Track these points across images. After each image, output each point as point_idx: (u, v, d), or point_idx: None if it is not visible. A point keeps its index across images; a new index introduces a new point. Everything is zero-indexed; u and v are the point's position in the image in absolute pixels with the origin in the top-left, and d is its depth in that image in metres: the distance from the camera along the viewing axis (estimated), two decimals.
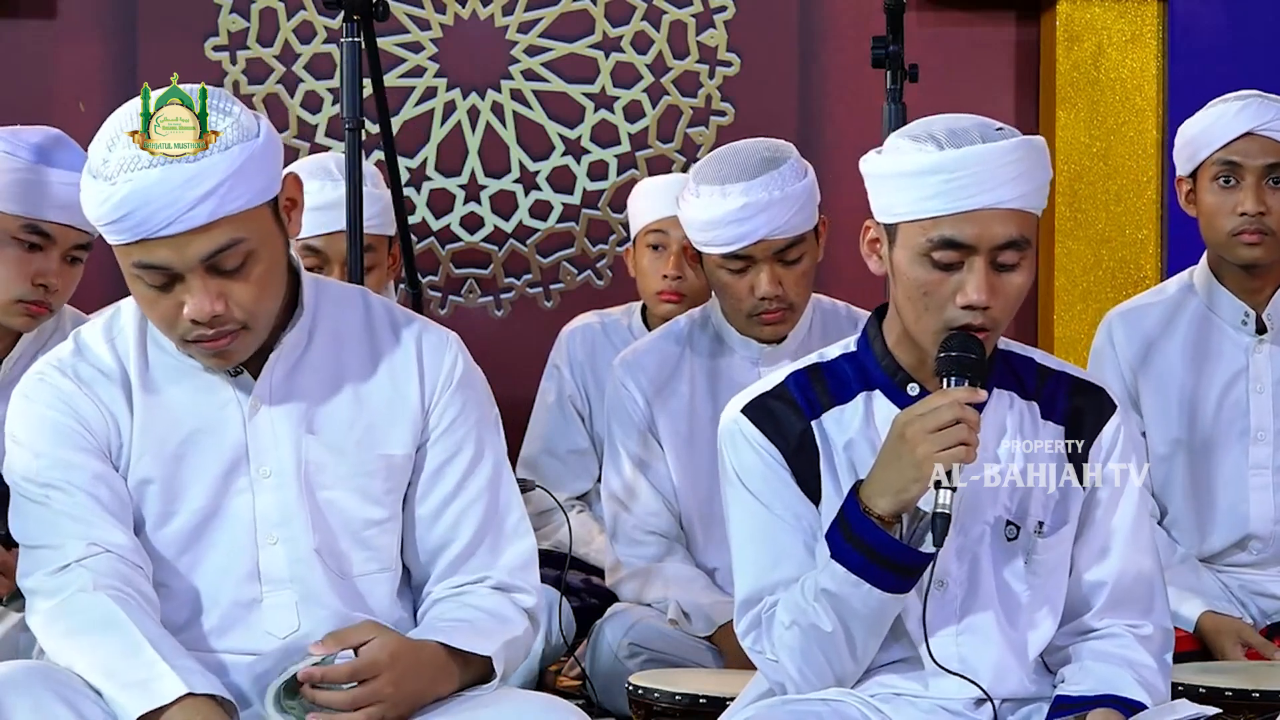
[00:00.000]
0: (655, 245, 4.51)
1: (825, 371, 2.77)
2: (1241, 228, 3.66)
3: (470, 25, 5.29)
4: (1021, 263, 2.65)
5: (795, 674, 2.69)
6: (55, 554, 2.65)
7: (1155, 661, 2.74)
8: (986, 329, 2.64)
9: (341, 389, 2.76)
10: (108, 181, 2.57)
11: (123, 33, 5.18)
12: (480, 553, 2.79)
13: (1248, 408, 3.71)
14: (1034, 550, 2.72)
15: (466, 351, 2.83)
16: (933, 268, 2.63)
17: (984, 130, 2.65)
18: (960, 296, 2.62)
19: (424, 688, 2.65)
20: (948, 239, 2.62)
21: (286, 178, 2.68)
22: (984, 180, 2.61)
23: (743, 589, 2.74)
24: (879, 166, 2.69)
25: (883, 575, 2.60)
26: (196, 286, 2.60)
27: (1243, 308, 3.72)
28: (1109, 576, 2.75)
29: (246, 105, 2.69)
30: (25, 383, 2.75)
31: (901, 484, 2.58)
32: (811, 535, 2.70)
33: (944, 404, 2.58)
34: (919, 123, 2.71)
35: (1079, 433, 2.75)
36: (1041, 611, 2.73)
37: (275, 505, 2.71)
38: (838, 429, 2.73)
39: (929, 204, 2.62)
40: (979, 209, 2.61)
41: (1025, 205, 2.65)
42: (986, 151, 2.61)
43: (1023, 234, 2.64)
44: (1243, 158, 3.68)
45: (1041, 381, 2.77)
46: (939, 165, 2.61)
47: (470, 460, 2.79)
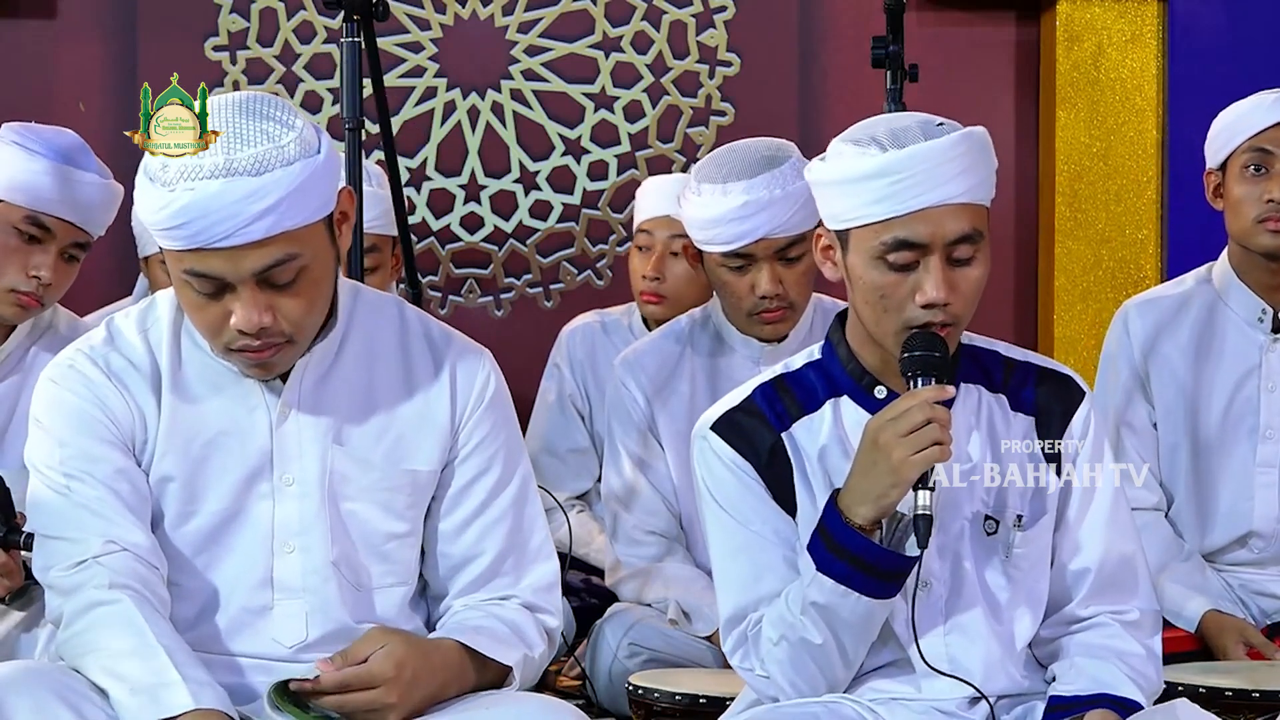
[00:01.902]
0: (641, 246, 4.53)
1: (791, 381, 2.75)
2: (1267, 214, 3.65)
3: (470, 25, 5.29)
4: (977, 255, 2.64)
5: (787, 687, 2.68)
6: (73, 548, 2.64)
7: (1143, 648, 2.73)
8: (949, 325, 2.63)
9: (371, 401, 2.74)
10: (166, 188, 2.54)
11: (123, 33, 5.18)
12: (505, 571, 2.79)
13: (1258, 405, 3.70)
14: (1014, 543, 2.71)
15: (499, 370, 2.82)
16: (888, 270, 2.62)
17: (926, 128, 2.63)
18: (919, 296, 2.61)
19: (435, 690, 2.64)
20: (900, 240, 2.61)
21: (341, 191, 2.66)
22: (931, 178, 2.59)
23: (726, 607, 2.73)
24: (824, 174, 2.67)
25: (870, 582, 2.59)
26: (247, 298, 2.58)
27: (1260, 305, 3.72)
28: (1091, 564, 2.74)
29: None
30: (55, 368, 2.73)
31: (880, 490, 2.57)
32: (790, 548, 2.68)
33: (913, 405, 2.56)
34: (860, 126, 2.68)
35: (1049, 421, 2.74)
36: (1025, 604, 2.73)
37: (295, 514, 2.70)
38: (808, 438, 2.71)
39: (878, 207, 2.61)
40: (929, 207, 2.60)
41: (974, 198, 2.63)
42: (930, 149, 2.60)
43: (975, 227, 2.63)
44: (1274, 145, 3.67)
45: (1008, 373, 2.76)
46: (884, 168, 2.60)
47: (497, 479, 2.79)
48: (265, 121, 2.56)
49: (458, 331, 2.85)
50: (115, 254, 4.89)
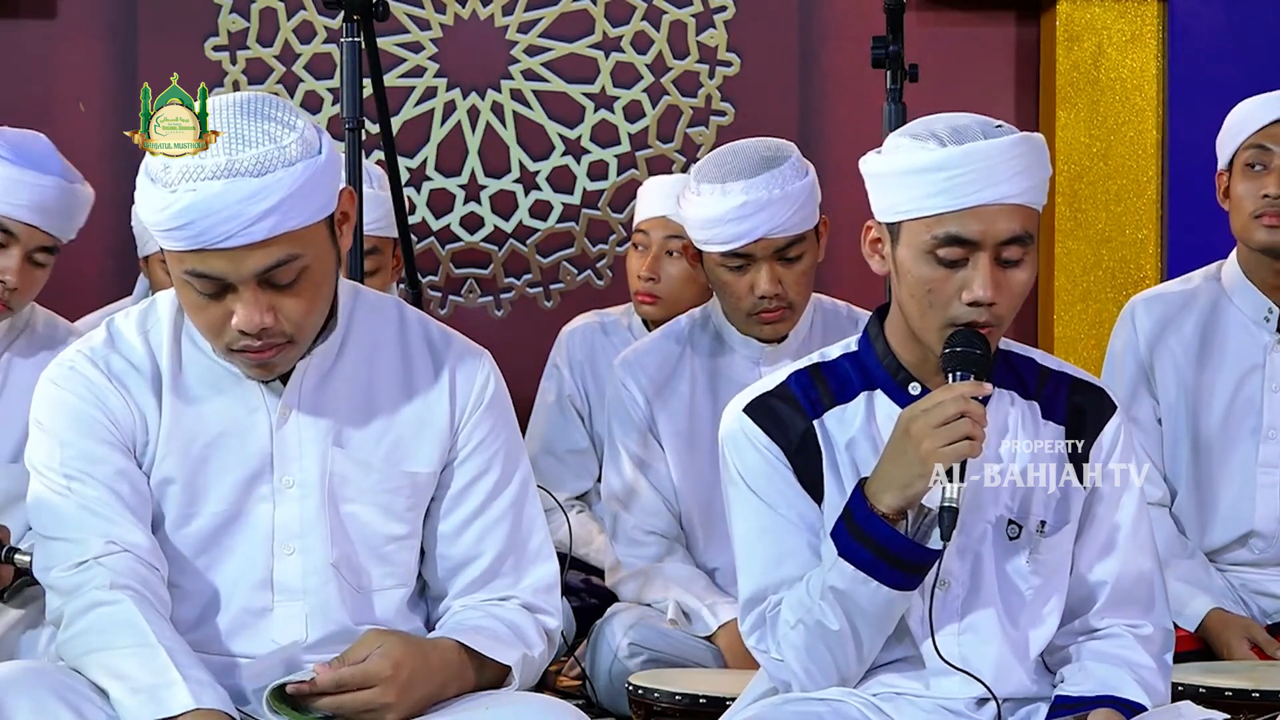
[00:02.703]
0: (638, 245, 4.53)
1: (827, 371, 2.76)
2: (1263, 209, 3.64)
3: (470, 25, 5.29)
4: (1025, 258, 2.65)
5: (800, 672, 2.69)
6: (74, 548, 2.64)
7: (1155, 662, 2.74)
8: (991, 325, 2.64)
9: (371, 402, 2.74)
10: (168, 189, 2.54)
11: (123, 33, 5.18)
12: (504, 572, 2.79)
13: (1261, 405, 3.70)
14: (1036, 549, 2.72)
15: (498, 371, 2.82)
16: (937, 265, 2.63)
17: (985, 127, 2.65)
18: (965, 293, 2.62)
19: (434, 690, 2.64)
20: (952, 235, 2.62)
21: (341, 192, 2.65)
22: (987, 176, 2.61)
23: (746, 588, 2.73)
24: (880, 166, 2.69)
25: (890, 572, 2.60)
26: (248, 298, 2.57)
27: (1266, 304, 3.72)
28: (1109, 576, 2.75)
29: None
30: (54, 369, 2.73)
31: (907, 479, 2.58)
32: (815, 534, 2.69)
33: (948, 399, 2.58)
34: (919, 121, 2.71)
35: (1079, 433, 2.75)
36: (1043, 611, 2.73)
37: (296, 516, 2.70)
38: (839, 428, 2.73)
39: (933, 201, 2.62)
40: (983, 205, 2.61)
41: (1028, 200, 2.65)
42: (989, 147, 2.62)
43: (1026, 229, 2.64)
44: (1273, 142, 3.67)
45: (1042, 382, 2.77)
46: (942, 162, 2.62)
47: (497, 481, 2.79)
48: (267, 122, 2.56)
49: (458, 333, 2.85)
50: (115, 254, 4.89)
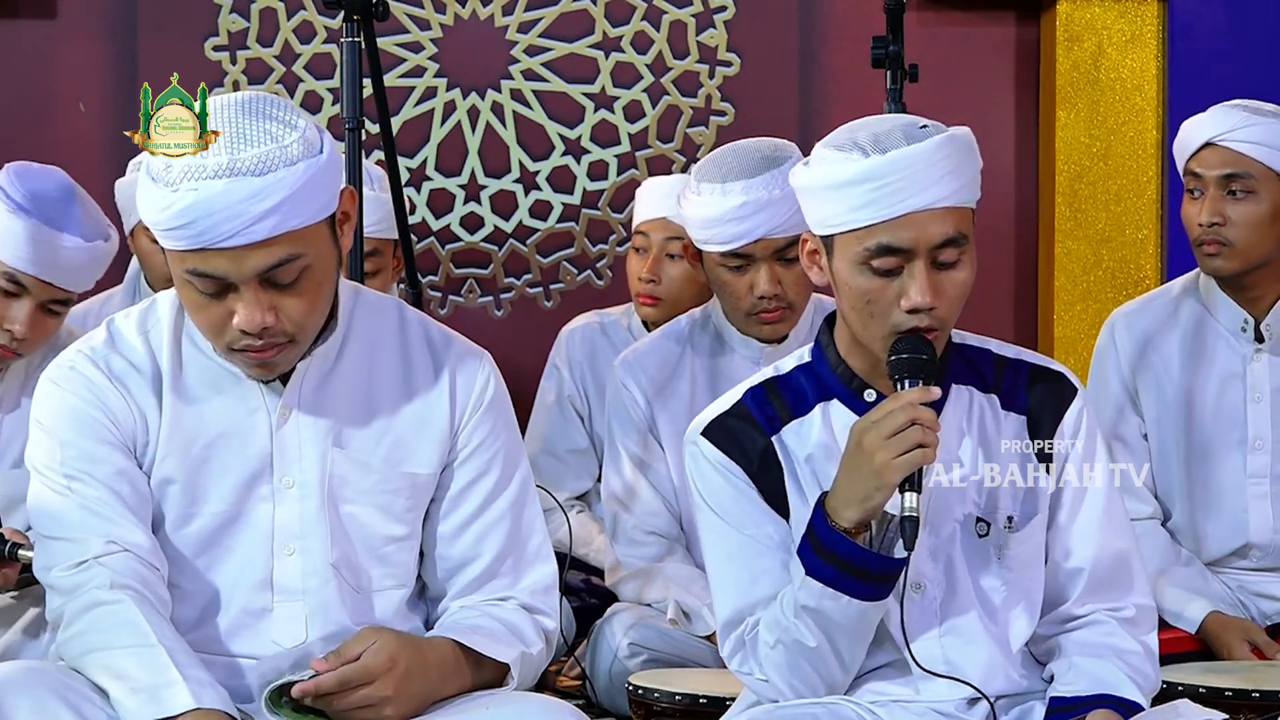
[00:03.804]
0: (638, 247, 4.52)
1: (781, 385, 2.75)
2: (1202, 238, 3.63)
3: (470, 25, 5.29)
4: (962, 259, 2.62)
5: (786, 690, 2.67)
6: (74, 548, 2.64)
7: (1140, 645, 2.72)
8: (934, 328, 2.62)
9: (371, 403, 2.74)
10: (169, 188, 2.54)
11: (123, 33, 5.18)
12: (503, 573, 2.78)
13: (1245, 416, 3.68)
14: (1006, 545, 2.71)
15: (498, 372, 2.82)
16: (873, 275, 2.60)
17: (909, 131, 2.61)
18: (904, 301, 2.59)
19: (431, 687, 2.64)
20: (884, 245, 2.59)
21: (342, 192, 2.65)
22: (914, 182, 2.57)
23: (723, 612, 2.72)
24: (807, 179, 2.66)
25: (858, 585, 2.59)
26: (249, 298, 2.57)
27: (1242, 315, 3.69)
28: (1085, 562, 2.73)
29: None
30: (55, 369, 2.73)
31: (865, 493, 2.56)
32: (785, 551, 2.68)
33: (897, 408, 2.55)
34: (842, 130, 2.66)
35: (1041, 420, 2.73)
36: (1020, 605, 2.72)
37: (295, 517, 2.70)
38: (798, 442, 2.71)
39: (861, 213, 2.59)
40: (912, 212, 2.58)
41: (959, 201, 2.61)
42: (913, 153, 2.58)
43: (960, 230, 2.61)
44: (1203, 168, 3.65)
45: (1000, 372, 2.75)
46: (867, 173, 2.58)
47: (496, 482, 2.79)
48: (268, 121, 2.56)
49: (458, 334, 2.85)
50: (115, 256, 4.88)
